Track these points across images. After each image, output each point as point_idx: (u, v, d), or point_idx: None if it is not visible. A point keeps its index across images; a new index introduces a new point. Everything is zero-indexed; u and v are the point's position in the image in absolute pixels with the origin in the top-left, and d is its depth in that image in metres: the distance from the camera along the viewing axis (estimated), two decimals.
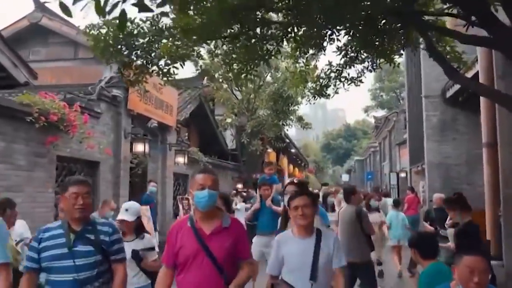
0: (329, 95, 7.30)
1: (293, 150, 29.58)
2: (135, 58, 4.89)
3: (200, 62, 18.42)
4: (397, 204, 10.16)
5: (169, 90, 11.65)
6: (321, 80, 7.08)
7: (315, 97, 7.33)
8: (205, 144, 19.39)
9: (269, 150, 23.67)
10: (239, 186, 18.89)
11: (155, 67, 4.99)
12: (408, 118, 16.51)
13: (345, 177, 56.91)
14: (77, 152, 7.79)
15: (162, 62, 4.99)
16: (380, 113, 40.80)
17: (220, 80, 18.41)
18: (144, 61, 4.97)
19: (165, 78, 5.16)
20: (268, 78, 18.16)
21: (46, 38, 14.32)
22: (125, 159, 9.29)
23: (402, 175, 21.83)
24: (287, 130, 19.95)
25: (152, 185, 10.51)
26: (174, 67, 4.99)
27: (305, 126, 18.58)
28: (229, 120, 16.70)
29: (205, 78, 20.18)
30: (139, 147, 9.26)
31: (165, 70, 4.99)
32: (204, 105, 17.67)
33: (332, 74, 7.02)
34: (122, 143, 9.21)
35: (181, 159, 11.69)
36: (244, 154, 18.61)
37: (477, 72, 8.18)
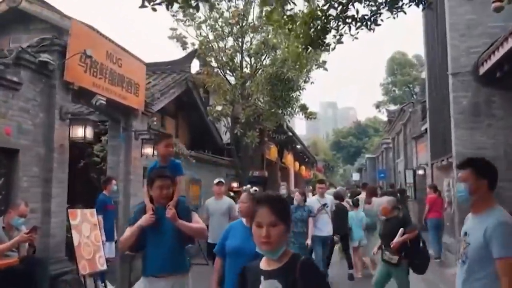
0: (328, 45, 4.91)
1: (299, 146, 27.23)
2: None
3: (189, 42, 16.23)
4: (356, 205, 10.20)
5: (133, 63, 9.38)
6: (315, 22, 4.74)
7: (307, 49, 4.97)
8: (196, 137, 17.14)
9: (272, 145, 21.39)
10: (235, 184, 16.60)
11: None
12: (429, 103, 14.04)
13: (355, 176, 54.54)
14: None
15: None
16: (393, 108, 38.30)
17: (212, 63, 16.13)
18: None
19: None
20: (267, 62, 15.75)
21: (27, 24, 12.77)
22: (62, 147, 7.01)
23: (420, 172, 19.38)
24: (289, 121, 17.57)
25: (114, 183, 8.34)
26: None
27: (309, 116, 16.18)
28: (219, 108, 14.34)
29: (198, 63, 18.01)
30: (79, 131, 6.98)
31: None
32: (192, 92, 15.39)
33: (333, 12, 4.68)
34: (56, 126, 6.93)
35: (150, 151, 9.40)
36: (240, 148, 16.29)
37: None
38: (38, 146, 6.71)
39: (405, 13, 5.05)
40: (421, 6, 5.17)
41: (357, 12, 4.61)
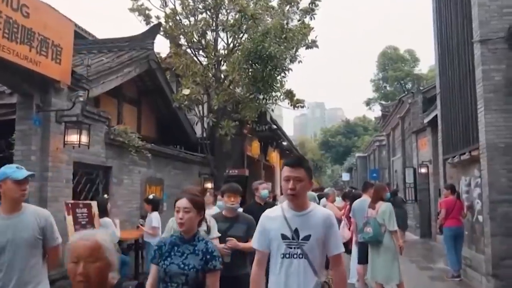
0: None
1: (285, 143, 24.76)
2: None
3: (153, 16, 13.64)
4: None
5: (51, 17, 6.75)
6: None
7: None
8: (165, 130, 14.56)
9: (254, 140, 18.87)
10: (209, 186, 14.03)
11: None
12: (441, 85, 11.57)
13: (345, 176, 52.35)
14: None
15: None
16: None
17: (180, 41, 13.55)
18: None
19: None
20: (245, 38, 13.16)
21: None
22: None
23: (422, 170, 17.02)
24: (273, 111, 15.02)
25: None
26: None
27: (296, 104, 13.65)
28: (186, 92, 11.73)
29: (169, 47, 15.41)
30: None
31: None
32: (156, 74, 12.80)
33: None
34: None
35: (76, 138, 6.79)
36: (215, 142, 13.75)
37: None
38: None
39: None
40: None
41: None
